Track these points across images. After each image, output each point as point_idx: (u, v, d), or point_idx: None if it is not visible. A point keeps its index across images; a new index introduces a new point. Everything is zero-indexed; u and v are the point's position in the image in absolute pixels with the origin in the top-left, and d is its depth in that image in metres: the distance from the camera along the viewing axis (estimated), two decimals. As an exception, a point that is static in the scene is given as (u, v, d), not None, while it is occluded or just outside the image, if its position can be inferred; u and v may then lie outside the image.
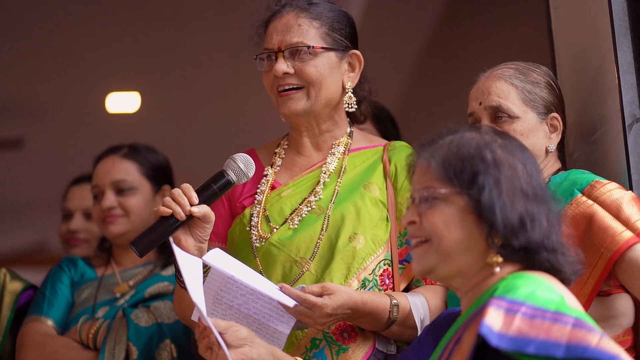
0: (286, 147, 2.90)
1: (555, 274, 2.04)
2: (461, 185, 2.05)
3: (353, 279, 2.67)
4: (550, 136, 2.74)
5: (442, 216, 2.06)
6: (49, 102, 7.67)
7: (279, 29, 2.77)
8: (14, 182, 8.78)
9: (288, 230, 2.73)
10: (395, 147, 2.84)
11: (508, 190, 2.03)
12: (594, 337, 1.85)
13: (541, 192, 2.07)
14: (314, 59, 2.75)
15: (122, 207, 3.49)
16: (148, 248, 2.51)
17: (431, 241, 2.07)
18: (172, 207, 2.50)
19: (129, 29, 6.79)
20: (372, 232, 2.72)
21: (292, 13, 2.77)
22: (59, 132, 8.09)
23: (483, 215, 2.02)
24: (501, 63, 2.79)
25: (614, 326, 2.59)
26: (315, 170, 2.82)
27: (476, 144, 2.08)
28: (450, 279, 2.10)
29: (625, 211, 2.56)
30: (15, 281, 3.52)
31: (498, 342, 1.86)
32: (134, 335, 3.25)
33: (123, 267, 3.52)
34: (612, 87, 2.86)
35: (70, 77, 7.28)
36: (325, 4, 2.82)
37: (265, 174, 2.84)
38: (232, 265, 2.44)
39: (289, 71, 2.74)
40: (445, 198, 2.06)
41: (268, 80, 2.80)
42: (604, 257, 2.53)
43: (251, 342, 2.30)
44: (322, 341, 2.66)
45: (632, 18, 2.83)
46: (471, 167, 2.04)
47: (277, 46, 2.76)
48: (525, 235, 2.01)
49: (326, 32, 2.77)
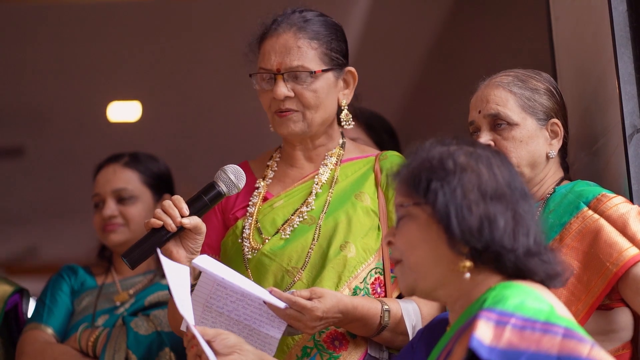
0: (278, 159, 2.90)
1: (526, 277, 2.01)
2: (419, 195, 2.04)
3: (344, 287, 2.66)
4: (551, 142, 2.73)
5: (407, 234, 2.06)
6: (50, 111, 7.68)
7: (277, 50, 2.75)
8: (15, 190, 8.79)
9: (280, 240, 2.73)
10: (386, 157, 2.85)
11: (466, 193, 2.00)
12: (584, 348, 1.84)
13: (509, 193, 2.03)
14: (313, 82, 2.74)
15: (122, 216, 3.50)
16: (139, 260, 2.52)
17: (403, 261, 2.07)
18: (162, 218, 2.51)
19: (130, 39, 6.80)
20: (363, 241, 2.71)
21: (290, 32, 2.75)
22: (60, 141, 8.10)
23: (441, 222, 2.00)
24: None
25: (613, 340, 2.59)
26: (307, 181, 2.82)
27: (439, 155, 2.06)
28: (433, 293, 2.08)
29: (632, 227, 2.56)
30: (3, 284, 3.50)
31: (489, 356, 1.84)
32: (134, 343, 3.25)
33: (123, 275, 3.53)
34: (613, 98, 2.86)
35: (72, 85, 7.29)
36: (320, 19, 2.80)
37: (257, 187, 2.84)
38: (221, 270, 2.44)
39: (290, 95, 2.73)
40: (409, 212, 2.06)
41: (266, 100, 2.79)
42: (609, 271, 2.53)
43: (240, 349, 2.29)
44: (313, 349, 2.65)
45: (633, 29, 2.83)
46: (427, 176, 2.03)
47: (277, 68, 2.74)
48: (486, 236, 1.98)
49: (324, 52, 2.76)
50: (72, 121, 7.81)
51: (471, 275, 2.01)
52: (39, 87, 7.31)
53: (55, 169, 8.56)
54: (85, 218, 5.36)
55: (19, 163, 8.33)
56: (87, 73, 7.13)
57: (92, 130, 7.89)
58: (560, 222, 2.64)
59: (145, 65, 7.15)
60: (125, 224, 3.49)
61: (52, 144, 8.18)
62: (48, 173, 8.61)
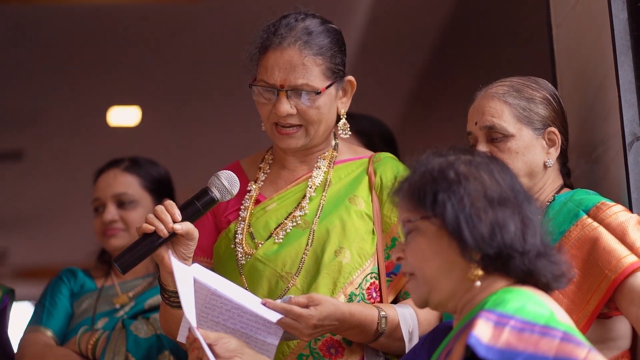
0: (271, 161, 2.88)
1: (534, 279, 2.03)
2: (426, 209, 2.05)
3: (339, 293, 2.65)
4: (549, 150, 2.73)
5: (417, 248, 2.07)
6: (50, 115, 7.69)
7: (281, 65, 2.69)
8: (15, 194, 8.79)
9: (273, 244, 2.71)
10: (380, 159, 2.83)
11: (474, 201, 2.02)
12: (581, 351, 1.85)
13: (513, 197, 2.05)
14: (317, 99, 2.70)
15: (123, 220, 3.50)
16: (131, 265, 2.51)
17: (416, 274, 2.09)
18: (154, 224, 2.49)
19: (130, 44, 6.81)
20: (358, 246, 2.70)
21: (295, 48, 2.69)
22: (59, 145, 8.12)
23: (452, 233, 2.02)
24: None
25: (612, 348, 2.60)
26: (300, 183, 2.80)
27: (439, 167, 2.08)
28: (445, 304, 2.09)
29: (631, 235, 2.56)
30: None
31: (486, 354, 1.86)
32: (133, 346, 3.25)
33: (123, 279, 3.52)
34: (613, 106, 2.86)
35: (72, 90, 7.30)
36: (322, 29, 2.74)
37: (248, 190, 2.82)
38: (213, 281, 2.43)
39: (292, 112, 2.70)
40: (417, 227, 2.07)
41: (265, 112, 2.74)
42: (607, 278, 2.53)
43: (241, 353, 2.31)
44: (309, 357, 2.64)
45: (633, 37, 2.84)
46: (432, 189, 2.05)
47: (280, 84, 2.69)
48: (498, 241, 2.00)
49: (328, 67, 2.72)
50: (71, 125, 7.83)
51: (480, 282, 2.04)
52: (38, 91, 7.32)
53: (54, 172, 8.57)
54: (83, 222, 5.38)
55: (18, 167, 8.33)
56: (87, 77, 7.15)
57: (92, 134, 7.90)
58: (560, 230, 2.64)
59: (145, 70, 7.17)
60: (126, 228, 3.49)
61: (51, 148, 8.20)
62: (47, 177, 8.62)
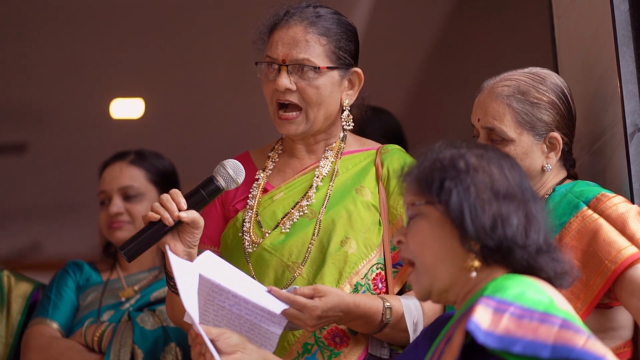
0: (280, 151, 2.90)
1: (535, 274, 2.04)
2: (432, 194, 2.07)
3: (345, 283, 2.66)
4: (548, 155, 2.71)
5: (418, 232, 2.09)
6: (53, 108, 7.68)
7: (285, 41, 2.74)
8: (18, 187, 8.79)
9: (280, 234, 2.73)
10: (387, 150, 2.84)
11: (480, 192, 2.03)
12: (580, 338, 1.86)
13: (520, 193, 2.07)
14: (317, 78, 2.73)
15: (129, 213, 3.51)
16: (136, 253, 2.52)
17: (415, 263, 2.10)
18: (160, 212, 2.51)
19: (132, 36, 6.81)
20: (364, 236, 2.71)
21: (301, 26, 2.74)
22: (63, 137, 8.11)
23: (455, 220, 2.04)
24: (507, 71, 2.77)
25: (614, 338, 2.61)
26: (307, 172, 2.82)
27: (450, 156, 2.10)
28: (446, 294, 2.10)
29: (631, 226, 2.57)
30: (23, 282, 3.53)
31: (485, 340, 1.87)
32: (140, 338, 3.26)
33: (128, 272, 3.54)
34: (614, 97, 2.87)
35: (75, 82, 7.30)
36: (333, 17, 2.79)
37: (257, 178, 2.84)
38: (221, 270, 2.44)
39: (292, 88, 2.73)
40: (420, 211, 2.08)
41: (268, 90, 2.78)
42: (607, 269, 2.54)
43: (243, 348, 2.31)
44: (314, 346, 2.65)
45: (635, 28, 2.84)
46: (440, 176, 2.07)
47: (282, 59, 2.73)
48: (499, 234, 2.02)
49: (332, 50, 2.75)
50: (75, 118, 7.82)
51: (477, 272, 2.04)
52: (41, 84, 7.31)
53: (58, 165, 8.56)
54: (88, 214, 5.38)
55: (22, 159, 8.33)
56: (90, 70, 7.14)
57: (95, 127, 7.89)
58: (560, 221, 2.64)
59: (148, 62, 7.16)
60: (131, 221, 3.50)
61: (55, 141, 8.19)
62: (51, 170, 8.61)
